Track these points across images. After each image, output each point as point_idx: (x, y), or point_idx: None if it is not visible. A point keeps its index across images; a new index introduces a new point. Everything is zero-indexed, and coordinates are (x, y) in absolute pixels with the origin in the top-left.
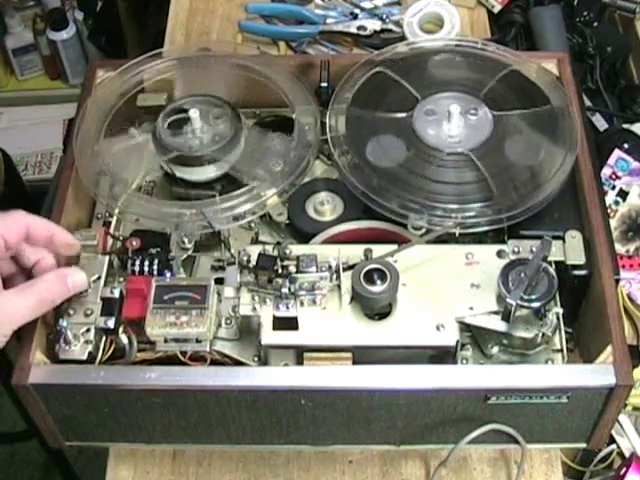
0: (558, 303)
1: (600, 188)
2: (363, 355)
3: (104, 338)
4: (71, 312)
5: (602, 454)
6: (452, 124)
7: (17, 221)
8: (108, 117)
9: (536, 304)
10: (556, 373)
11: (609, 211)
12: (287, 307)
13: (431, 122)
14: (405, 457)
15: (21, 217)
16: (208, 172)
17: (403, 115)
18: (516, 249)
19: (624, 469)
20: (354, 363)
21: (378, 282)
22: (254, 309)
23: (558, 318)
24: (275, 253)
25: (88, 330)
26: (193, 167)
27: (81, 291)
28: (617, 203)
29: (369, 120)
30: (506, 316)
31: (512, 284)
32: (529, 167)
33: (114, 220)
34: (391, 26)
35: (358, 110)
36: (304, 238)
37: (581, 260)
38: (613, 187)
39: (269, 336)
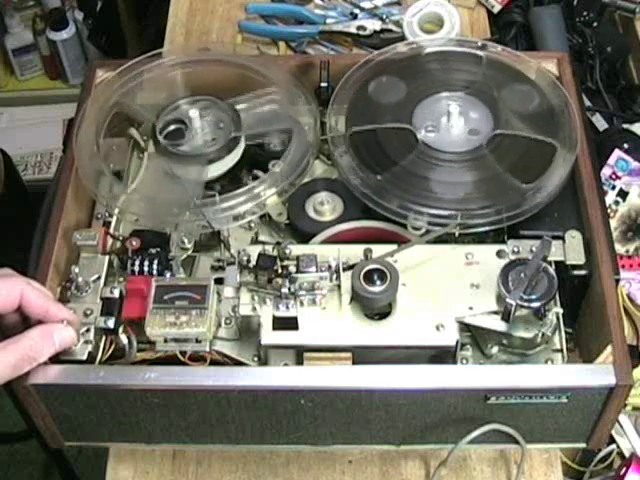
0: (558, 303)
1: (600, 188)
2: (363, 355)
3: (104, 338)
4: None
5: (602, 454)
6: (451, 124)
7: (12, 291)
8: (108, 117)
9: (536, 304)
10: (556, 373)
11: (609, 211)
12: (287, 307)
13: (431, 122)
14: (405, 457)
15: (18, 286)
16: (208, 172)
17: (402, 116)
18: (516, 249)
19: (624, 469)
20: (354, 363)
21: (378, 282)
22: (254, 309)
23: (558, 318)
24: (275, 253)
25: (88, 330)
26: (193, 167)
27: (69, 347)
28: (617, 203)
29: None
30: (506, 316)
31: (512, 284)
32: (529, 167)
33: (114, 220)
34: (391, 26)
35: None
36: (304, 238)
37: (581, 260)
38: (613, 187)
39: (269, 336)
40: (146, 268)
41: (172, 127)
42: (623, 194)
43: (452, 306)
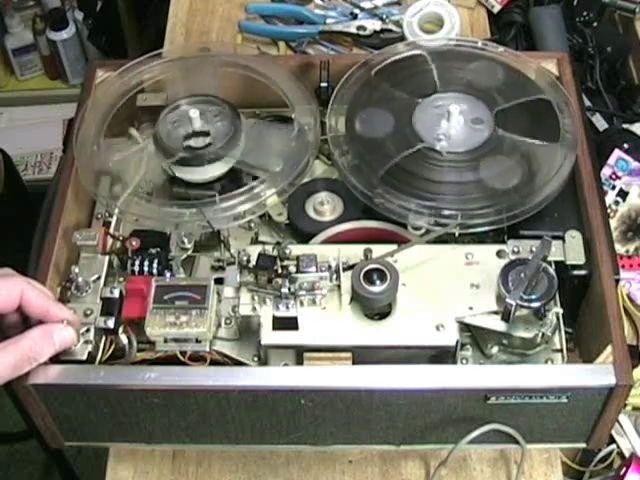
0: (558, 303)
1: (600, 188)
2: (363, 355)
3: (104, 338)
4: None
5: (602, 454)
6: (451, 124)
7: (12, 291)
8: (108, 117)
9: (536, 304)
10: (556, 373)
11: (609, 211)
12: (287, 307)
13: (431, 122)
14: (405, 457)
15: (19, 285)
16: (208, 172)
17: (403, 115)
18: (516, 249)
19: (624, 469)
20: (354, 363)
21: (378, 282)
22: (254, 309)
23: (558, 318)
24: (275, 253)
25: (88, 330)
26: (193, 167)
27: (69, 347)
28: (617, 203)
29: (369, 121)
30: (506, 316)
31: (512, 284)
32: (529, 167)
33: (114, 220)
34: (391, 26)
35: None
36: (304, 238)
37: (581, 260)
38: (613, 187)
39: (269, 336)
40: (146, 268)
41: (172, 127)
42: (623, 194)
43: (452, 306)
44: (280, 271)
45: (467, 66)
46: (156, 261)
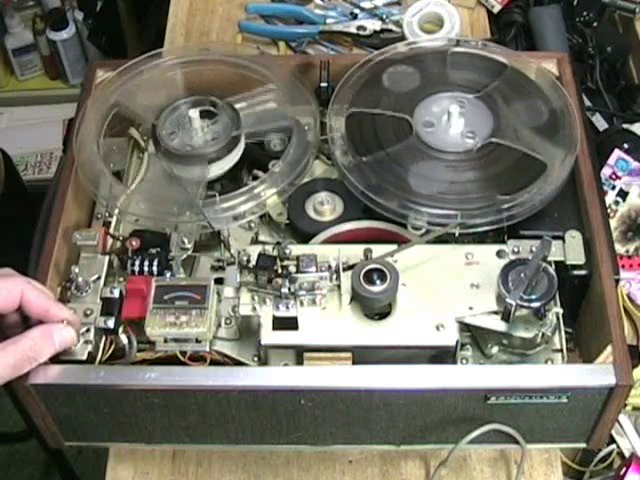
0: (558, 303)
1: (600, 188)
2: (363, 355)
3: (104, 338)
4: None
5: (602, 454)
6: (452, 124)
7: (12, 290)
8: (108, 117)
9: (536, 304)
10: (556, 373)
11: (609, 211)
12: (287, 307)
13: (430, 122)
14: (405, 457)
15: (19, 285)
16: (208, 172)
17: (402, 116)
18: (516, 249)
19: (624, 469)
20: (354, 363)
21: (378, 282)
22: (254, 309)
23: (558, 318)
24: (275, 253)
25: (88, 330)
26: (193, 167)
27: (69, 347)
28: (617, 203)
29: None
30: (506, 316)
31: (512, 284)
32: (529, 167)
33: (114, 220)
34: (391, 26)
35: (358, 111)
36: (304, 238)
37: (581, 260)
38: (613, 187)
39: (269, 336)
40: (146, 268)
41: (172, 127)
42: (623, 194)
43: (452, 306)
44: (280, 271)
45: (467, 66)
46: (156, 261)
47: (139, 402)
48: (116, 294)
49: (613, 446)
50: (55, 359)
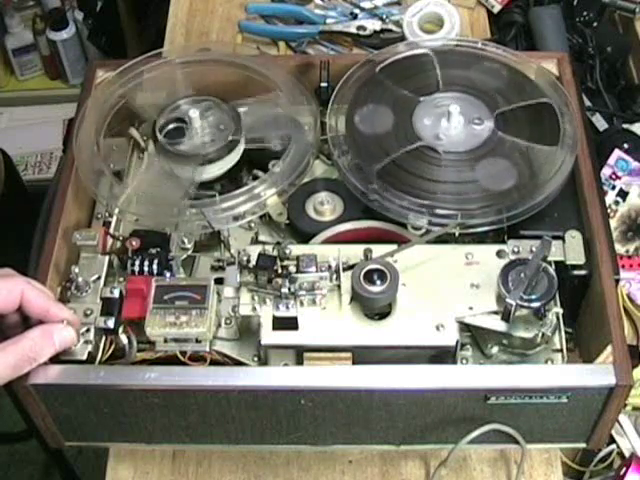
0: (558, 303)
1: (600, 188)
2: (363, 355)
3: (104, 338)
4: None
5: (602, 454)
6: (452, 124)
7: (12, 291)
8: (108, 117)
9: (536, 304)
10: (556, 373)
11: (609, 211)
12: (287, 307)
13: (431, 122)
14: (405, 457)
15: (19, 285)
16: (208, 172)
17: (403, 114)
18: (516, 249)
19: (624, 469)
20: (354, 363)
21: (378, 282)
22: (254, 309)
23: (558, 318)
24: (275, 253)
25: (88, 330)
26: (193, 167)
27: (69, 347)
28: (617, 203)
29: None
30: (506, 316)
31: (512, 284)
32: (529, 167)
33: (114, 220)
34: (391, 26)
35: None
36: (304, 238)
37: (581, 260)
38: (613, 187)
39: (269, 336)
40: (146, 268)
41: (172, 126)
42: (623, 194)
43: (452, 306)
44: (280, 271)
45: (468, 66)
46: (156, 261)
47: (139, 402)
48: (116, 294)
49: (613, 446)
50: (55, 359)
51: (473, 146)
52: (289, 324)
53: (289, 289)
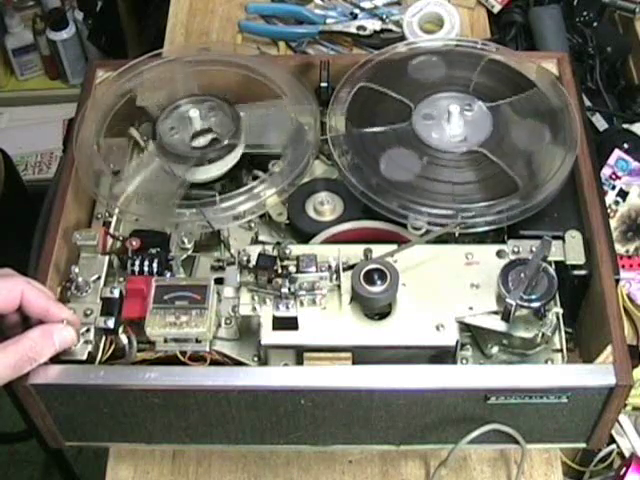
0: (558, 303)
1: (600, 188)
2: (363, 355)
3: (104, 338)
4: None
5: (602, 454)
6: (451, 124)
7: (12, 291)
8: (108, 117)
9: (536, 304)
10: (556, 373)
11: (609, 211)
12: (287, 307)
13: (429, 123)
14: (405, 457)
15: (19, 285)
16: (208, 172)
17: (403, 114)
18: (516, 249)
19: (624, 469)
20: (354, 363)
21: (378, 282)
22: (254, 309)
23: (558, 318)
24: (275, 253)
25: (88, 330)
26: (193, 167)
27: (69, 347)
28: (617, 203)
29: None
30: (506, 316)
31: (512, 284)
32: (529, 167)
33: (114, 220)
34: (391, 26)
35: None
36: (304, 238)
37: (581, 260)
38: (613, 187)
39: (269, 336)
40: (146, 268)
41: (172, 127)
42: (623, 194)
43: (452, 306)
44: (280, 271)
45: (467, 66)
46: (156, 261)
47: (139, 402)
48: (116, 294)
49: (613, 446)
50: (55, 359)
51: (473, 146)
52: (289, 324)
53: (289, 289)
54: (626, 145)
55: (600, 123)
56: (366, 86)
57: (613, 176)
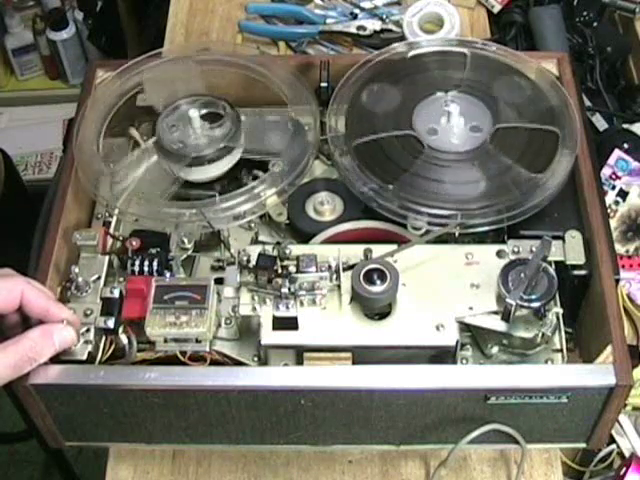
0: (558, 303)
1: (600, 188)
2: (363, 355)
3: (104, 338)
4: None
5: (602, 454)
6: (451, 124)
7: (12, 291)
8: (108, 117)
9: (536, 304)
10: (556, 373)
11: (609, 211)
12: (287, 307)
13: (431, 122)
14: (405, 457)
15: (19, 285)
16: (208, 172)
17: (403, 114)
18: (516, 249)
19: (624, 469)
20: (354, 363)
21: (378, 282)
22: (254, 309)
23: (558, 318)
24: (275, 253)
25: (88, 330)
26: (193, 167)
27: (69, 347)
28: (617, 203)
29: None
30: (506, 316)
31: (512, 284)
32: (529, 167)
33: (114, 220)
34: (391, 26)
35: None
36: (304, 238)
37: (581, 260)
38: (613, 187)
39: (269, 336)
40: (146, 268)
41: (172, 127)
42: (623, 194)
43: (452, 306)
44: (280, 271)
45: (468, 66)
46: (156, 261)
47: (139, 402)
48: (116, 294)
49: (613, 446)
50: (55, 359)
51: (473, 146)
52: (289, 324)
53: (289, 289)
54: (626, 145)
55: (600, 123)
56: (366, 87)
57: (613, 176)
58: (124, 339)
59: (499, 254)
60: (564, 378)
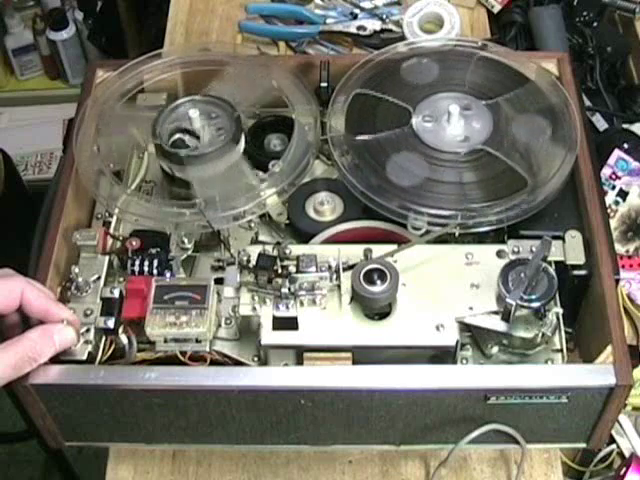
0: (558, 303)
1: (600, 188)
2: (363, 355)
3: (104, 338)
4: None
5: (602, 454)
6: (452, 124)
7: (12, 291)
8: (108, 117)
9: (536, 304)
10: (556, 373)
11: (609, 211)
12: (287, 307)
13: (430, 122)
14: (405, 457)
15: (19, 285)
16: (208, 171)
17: (403, 115)
18: (516, 249)
19: (624, 469)
20: (354, 363)
21: (378, 282)
22: (254, 309)
23: (558, 318)
24: (275, 253)
25: (88, 330)
26: (193, 167)
27: (69, 347)
28: (617, 203)
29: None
30: (506, 316)
31: (512, 284)
32: (529, 167)
33: (114, 220)
34: (391, 26)
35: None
36: (304, 238)
37: (581, 260)
38: (613, 187)
39: (269, 336)
40: (146, 268)
41: (172, 127)
42: (623, 194)
43: (452, 306)
44: (280, 271)
45: (468, 66)
46: (156, 261)
47: (139, 402)
48: (116, 294)
49: (613, 446)
50: (55, 359)
51: (473, 146)
52: (289, 324)
53: (289, 289)
54: (626, 145)
55: (600, 123)
56: (365, 89)
57: (613, 176)
58: (124, 339)
59: (499, 254)
60: (564, 378)
